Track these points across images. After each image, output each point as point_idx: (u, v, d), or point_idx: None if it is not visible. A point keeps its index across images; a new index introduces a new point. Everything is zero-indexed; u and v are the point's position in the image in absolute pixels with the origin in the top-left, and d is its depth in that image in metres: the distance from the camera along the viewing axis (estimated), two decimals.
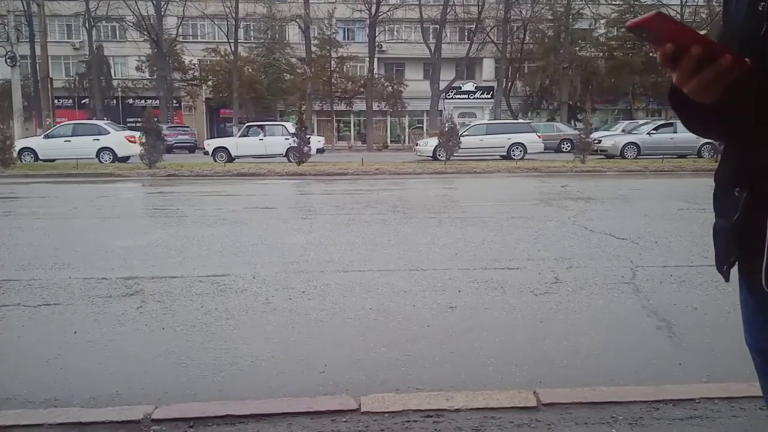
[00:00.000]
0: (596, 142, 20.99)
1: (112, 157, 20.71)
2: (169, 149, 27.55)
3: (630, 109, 42.12)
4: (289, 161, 20.12)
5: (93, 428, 2.35)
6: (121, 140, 21.23)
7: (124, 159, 20.71)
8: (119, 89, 42.40)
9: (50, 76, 28.85)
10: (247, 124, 24.84)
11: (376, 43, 38.94)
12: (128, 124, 36.60)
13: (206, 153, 22.85)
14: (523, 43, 40.99)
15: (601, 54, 40.61)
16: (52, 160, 19.37)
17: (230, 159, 21.67)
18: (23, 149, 20.76)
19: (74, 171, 16.86)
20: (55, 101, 34.22)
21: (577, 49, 39.66)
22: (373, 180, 14.96)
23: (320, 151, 23.05)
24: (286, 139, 21.18)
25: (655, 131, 22.47)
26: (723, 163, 1.09)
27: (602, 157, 21.73)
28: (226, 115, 40.91)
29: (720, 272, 1.09)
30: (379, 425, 2.37)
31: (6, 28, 26.40)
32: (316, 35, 40.15)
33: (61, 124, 20.33)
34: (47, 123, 26.73)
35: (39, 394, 2.72)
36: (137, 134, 22.39)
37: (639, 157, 21.44)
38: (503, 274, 4.93)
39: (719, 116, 0.97)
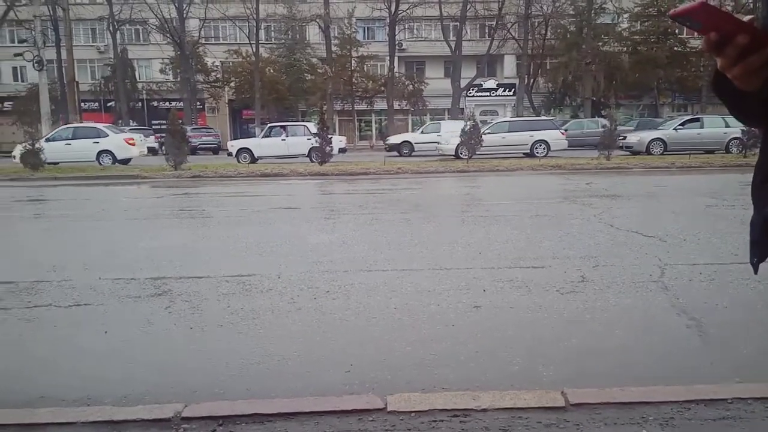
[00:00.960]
0: (621, 138, 20.68)
1: (111, 160, 20.85)
2: (194, 151, 27.87)
3: (655, 104, 41.47)
4: (311, 161, 20.22)
5: (124, 426, 2.39)
6: (121, 143, 21.45)
7: (125, 161, 20.91)
8: (144, 92, 43.07)
9: (76, 79, 29.33)
10: (269, 125, 25.01)
11: (397, 42, 38.95)
12: (153, 126, 37.19)
13: (230, 154, 23.06)
14: (544, 39, 40.64)
15: (625, 49, 40.07)
16: (56, 163, 19.50)
17: (253, 160, 21.85)
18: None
19: (101, 173, 17.17)
20: (82, 104, 34.84)
21: (600, 44, 39.18)
22: (395, 179, 14.96)
23: (342, 150, 23.12)
24: (308, 139, 21.32)
25: (681, 127, 22.08)
26: (762, 152, 1.08)
27: (627, 153, 21.43)
28: (249, 116, 41.29)
29: (751, 264, 1.08)
30: (405, 425, 2.37)
31: (33, 32, 26.92)
32: (336, 35, 40.30)
33: (62, 127, 20.55)
34: None
35: (72, 393, 2.77)
36: (136, 136, 22.92)
37: (665, 153, 21.09)
38: (528, 272, 4.89)
39: (763, 103, 0.96)
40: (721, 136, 20.79)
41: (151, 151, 30.37)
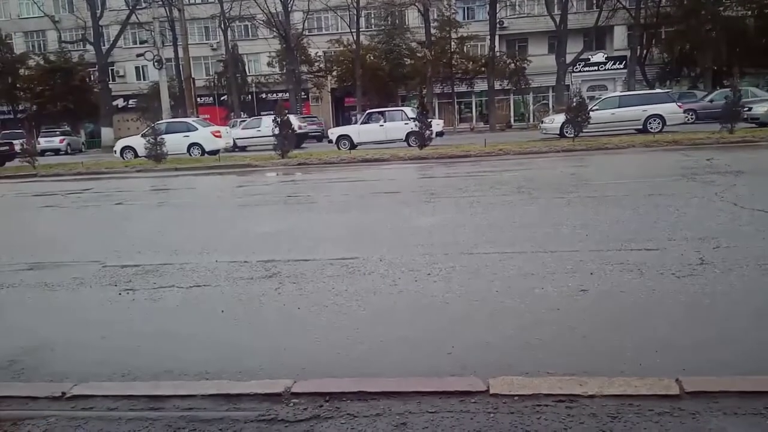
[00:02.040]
0: (746, 109, 18.92)
1: (200, 151, 22.28)
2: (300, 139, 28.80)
3: None
4: (409, 146, 20.32)
5: (240, 399, 2.56)
6: (208, 135, 22.80)
7: (213, 152, 21.93)
8: (253, 85, 45.11)
9: (192, 75, 31.27)
10: (368, 112, 25.37)
11: (497, 20, 37.92)
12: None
13: (330, 141, 23.65)
14: (659, 6, 37.94)
15: (750, 12, 36.45)
16: (146, 157, 20.79)
17: (353, 146, 22.27)
18: (125, 147, 23.04)
19: (217, 163, 18.22)
20: (197, 99, 37.08)
21: (722, 9, 35.91)
22: (496, 161, 14.67)
23: (439, 134, 23.00)
24: (406, 123, 21.49)
25: None
26: None
27: (753, 126, 19.61)
28: (351, 104, 42.10)
29: None
30: (508, 407, 2.35)
31: (152, 33, 28.92)
32: (435, 17, 39.95)
33: (156, 123, 21.87)
34: None
35: (192, 368, 3.00)
36: (222, 128, 24.52)
37: None
38: (640, 255, 4.63)
39: None
40: None
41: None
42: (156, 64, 26.74)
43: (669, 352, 2.85)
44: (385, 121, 23.03)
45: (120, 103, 46.43)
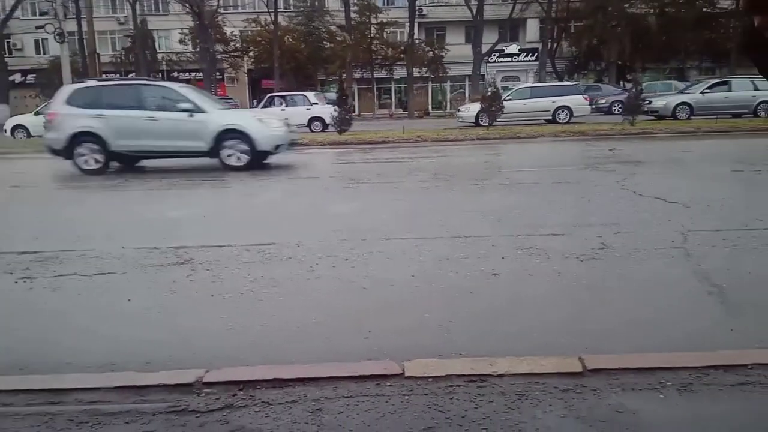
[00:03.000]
0: (647, 102, 20.18)
1: None
2: None
3: (682, 68, 40.33)
4: (311, 131, 20.33)
5: (147, 391, 2.46)
6: None
7: None
8: (164, 63, 43.10)
9: (97, 51, 29.50)
10: (268, 96, 24.83)
11: (416, 7, 38.19)
12: None
13: None
14: (569, 1, 39.54)
15: (652, 10, 38.79)
16: (40, 136, 19.47)
17: None
18: (16, 126, 21.64)
19: None
20: (103, 76, 35.03)
21: (627, 6, 37.97)
22: (414, 148, 14.85)
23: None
24: (308, 109, 21.59)
25: (708, 90, 21.47)
26: None
27: (653, 118, 20.95)
28: (268, 86, 41.15)
29: None
30: (422, 389, 2.40)
31: (54, 5, 27.00)
32: (355, 1, 39.69)
33: (44, 105, 20.56)
34: None
35: (96, 359, 2.84)
36: None
37: (692, 117, 20.58)
38: (548, 240, 4.85)
39: None
40: (750, 99, 20.21)
41: None
42: (57, 37, 24.95)
43: (573, 332, 3.01)
44: (286, 106, 22.60)
45: (17, 78, 43.09)
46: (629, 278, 3.86)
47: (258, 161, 10.58)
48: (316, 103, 22.91)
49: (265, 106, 23.17)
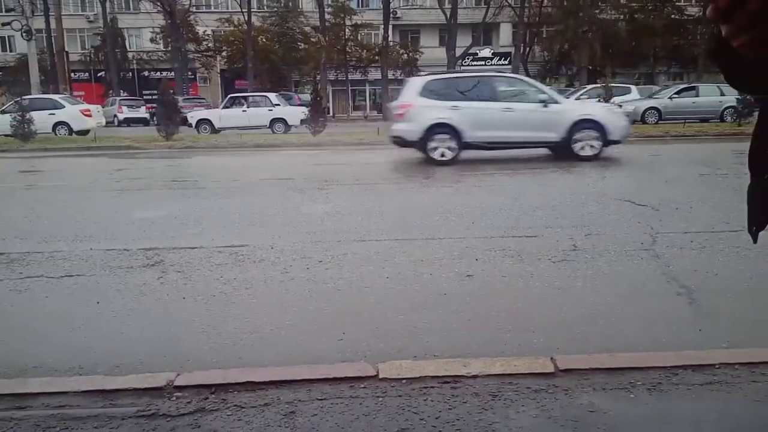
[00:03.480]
0: (618, 107, 20.55)
1: (67, 131, 20.68)
2: (185, 121, 27.53)
3: (651, 73, 41.18)
4: (273, 132, 20.25)
5: (116, 395, 2.40)
6: (77, 114, 21.28)
7: (83, 132, 20.51)
8: (134, 62, 42.45)
9: (66, 49, 28.92)
10: (229, 96, 24.55)
11: (391, 10, 38.31)
12: (144, 97, 36.73)
13: (189, 125, 21.69)
14: (541, 6, 40.08)
15: (622, 17, 39.57)
16: (12, 135, 18.32)
17: (214, 131, 21.39)
18: None
19: (93, 144, 16.99)
20: (72, 74, 34.36)
21: (597, 12, 38.66)
22: (389, 150, 14.85)
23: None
24: (270, 110, 21.52)
25: (677, 95, 21.95)
26: (761, 123, 1.05)
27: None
28: (242, 86, 40.80)
29: (750, 233, 1.06)
30: (396, 391, 2.40)
31: (21, 1, 26.39)
32: (329, 2, 39.61)
33: (19, 98, 19.96)
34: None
35: (63, 363, 2.78)
36: (94, 107, 22.81)
37: (660, 122, 21.02)
38: (520, 242, 4.90)
39: None
40: (716, 104, 20.72)
41: (143, 121, 30.08)
42: (24, 34, 24.41)
43: (545, 332, 3.04)
44: (248, 107, 22.36)
45: None
46: (600, 279, 3.91)
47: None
48: (279, 105, 22.66)
49: (226, 107, 22.84)
